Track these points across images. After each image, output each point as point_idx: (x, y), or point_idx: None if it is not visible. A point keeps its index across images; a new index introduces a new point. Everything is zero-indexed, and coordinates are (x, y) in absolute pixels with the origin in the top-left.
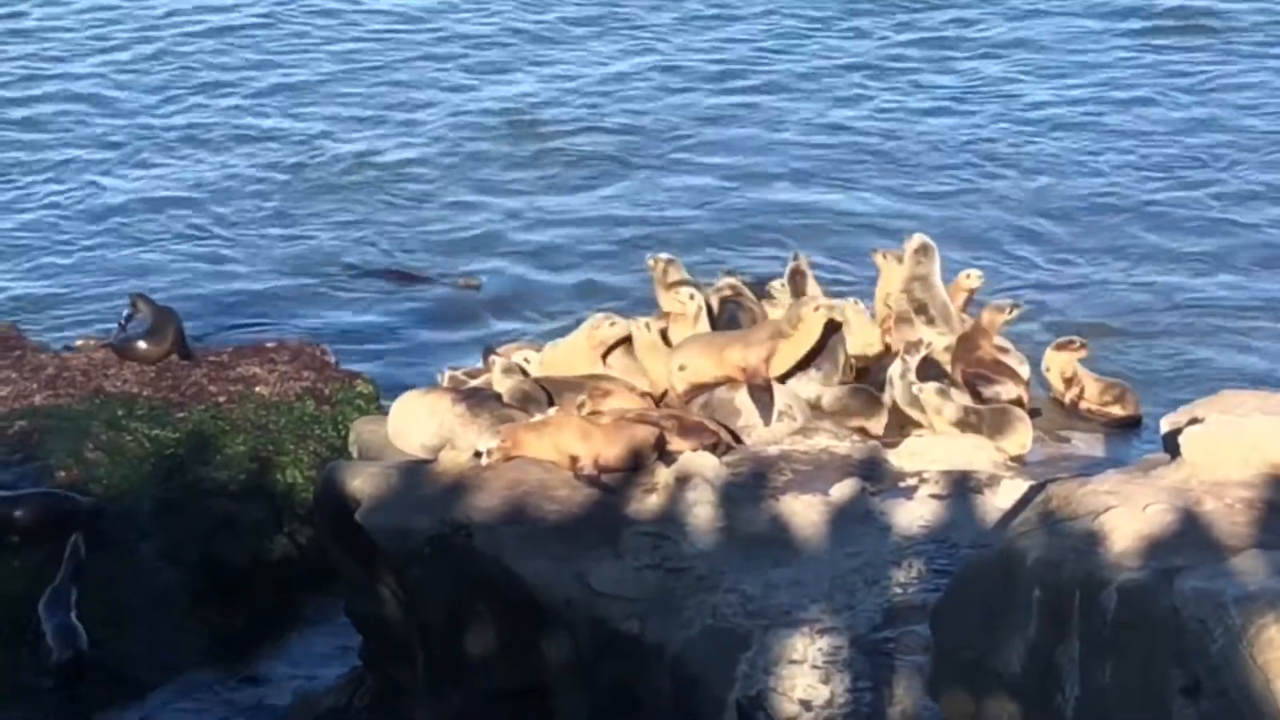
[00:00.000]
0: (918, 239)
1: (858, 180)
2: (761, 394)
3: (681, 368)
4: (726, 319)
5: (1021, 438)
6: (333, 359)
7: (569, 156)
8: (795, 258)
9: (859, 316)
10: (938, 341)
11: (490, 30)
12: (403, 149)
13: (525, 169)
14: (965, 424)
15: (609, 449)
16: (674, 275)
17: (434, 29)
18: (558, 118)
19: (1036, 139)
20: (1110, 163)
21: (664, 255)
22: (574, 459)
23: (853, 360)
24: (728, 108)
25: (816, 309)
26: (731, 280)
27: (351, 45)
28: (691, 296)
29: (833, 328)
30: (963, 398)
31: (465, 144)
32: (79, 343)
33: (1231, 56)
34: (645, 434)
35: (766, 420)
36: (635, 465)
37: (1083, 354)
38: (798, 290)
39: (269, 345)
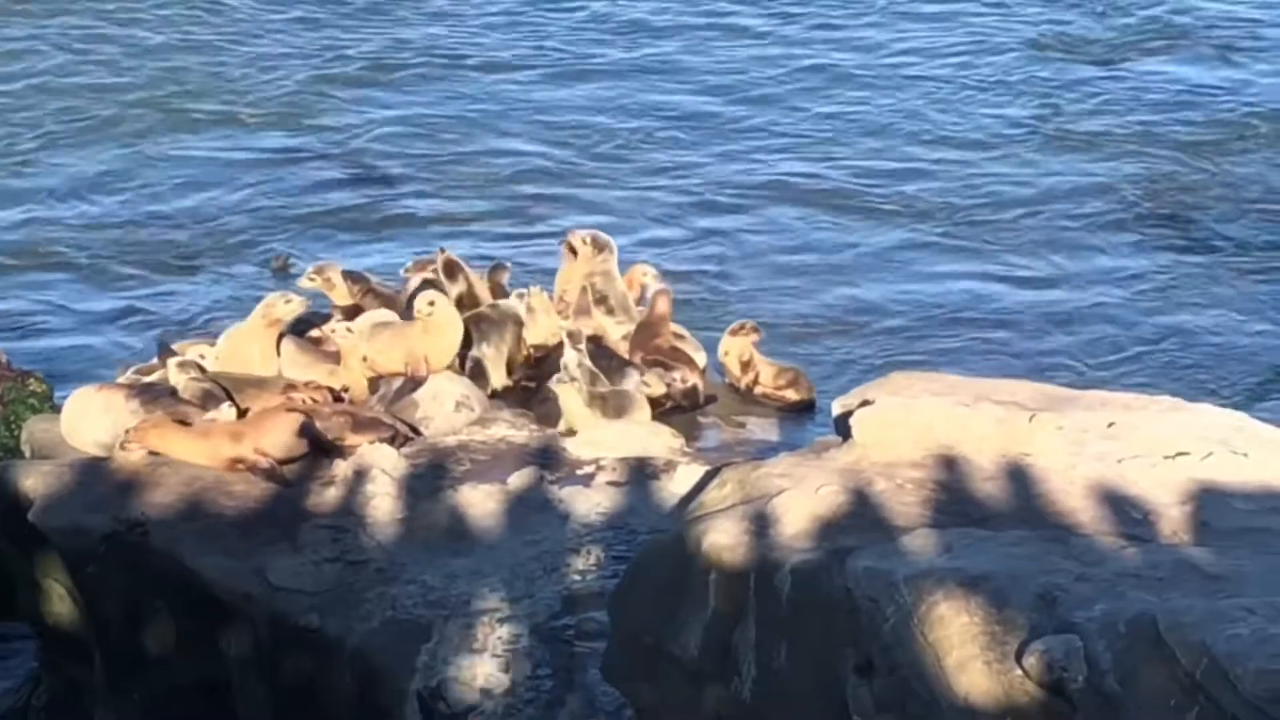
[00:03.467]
0: (595, 235)
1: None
2: (406, 384)
3: (364, 359)
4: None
5: (641, 415)
6: (4, 358)
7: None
8: (441, 251)
9: (543, 305)
10: (615, 331)
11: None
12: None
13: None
14: (593, 405)
15: (265, 440)
16: (337, 280)
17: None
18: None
19: (697, 124)
20: (770, 147)
21: (312, 270)
22: (235, 460)
23: (531, 349)
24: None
25: (426, 311)
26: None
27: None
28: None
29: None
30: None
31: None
32: None
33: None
34: (293, 420)
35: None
36: (297, 451)
37: (755, 337)
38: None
39: None
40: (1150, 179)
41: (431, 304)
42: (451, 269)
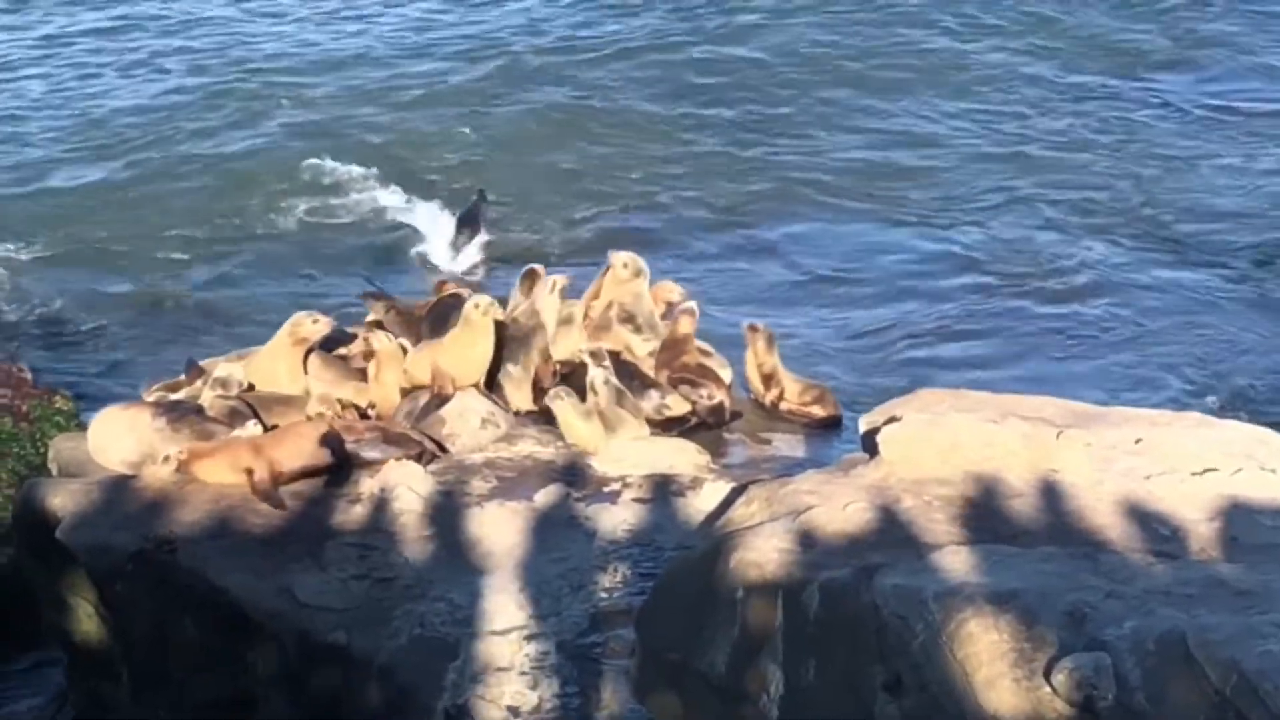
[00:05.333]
0: (634, 259)
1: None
2: (433, 401)
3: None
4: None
5: (632, 430)
6: (29, 375)
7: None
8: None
9: (575, 322)
10: (642, 347)
11: None
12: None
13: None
14: (593, 419)
15: (282, 454)
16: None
17: None
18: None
19: (721, 139)
20: (797, 163)
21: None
22: (248, 471)
23: (558, 365)
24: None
25: (480, 309)
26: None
27: None
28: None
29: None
30: (674, 400)
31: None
32: None
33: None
34: (314, 432)
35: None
36: (320, 466)
37: (765, 342)
38: (527, 291)
39: None
40: (1155, 193)
41: (477, 307)
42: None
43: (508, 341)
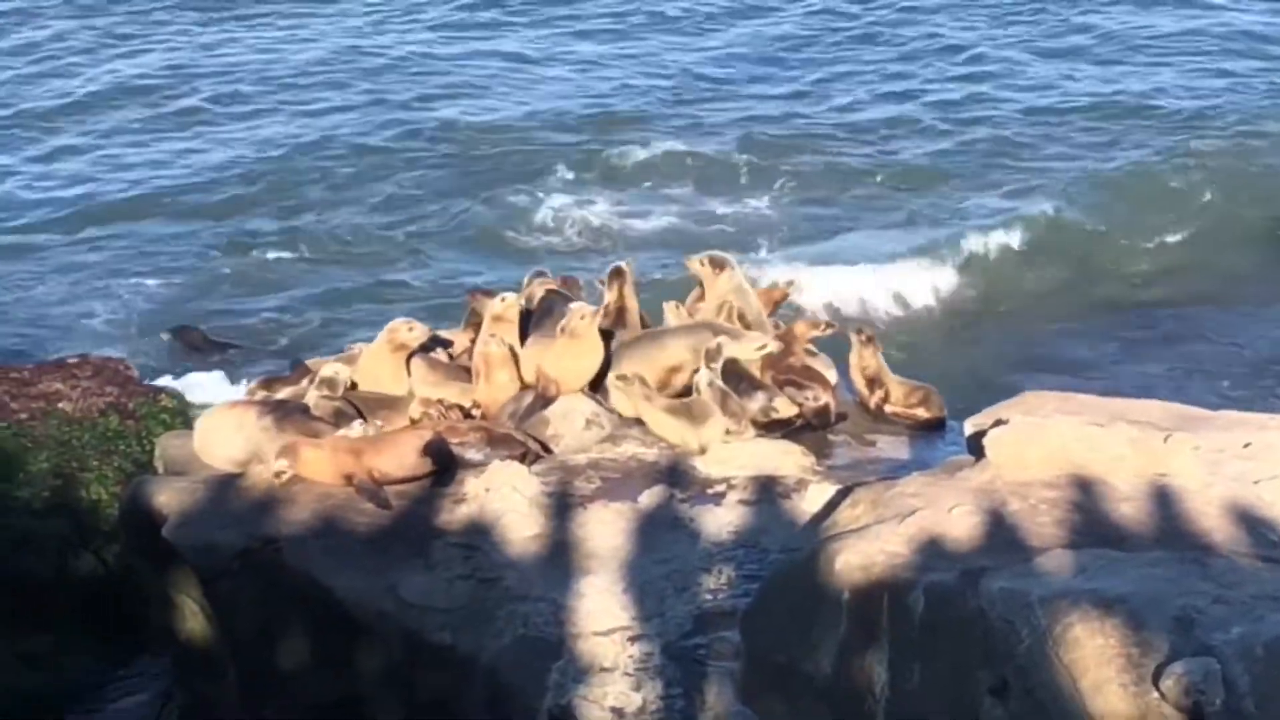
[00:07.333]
0: (711, 255)
1: None
2: (537, 401)
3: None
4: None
5: (713, 428)
6: (136, 374)
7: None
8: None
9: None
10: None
11: None
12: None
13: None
14: (673, 413)
15: (381, 460)
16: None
17: None
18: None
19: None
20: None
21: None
22: (348, 476)
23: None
24: None
25: (586, 321)
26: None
27: None
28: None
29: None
30: (781, 401)
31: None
32: None
33: None
34: (417, 439)
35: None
36: (419, 470)
37: (870, 347)
38: (617, 290)
39: (71, 361)
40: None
41: (583, 318)
42: (613, 278)
43: (622, 349)
